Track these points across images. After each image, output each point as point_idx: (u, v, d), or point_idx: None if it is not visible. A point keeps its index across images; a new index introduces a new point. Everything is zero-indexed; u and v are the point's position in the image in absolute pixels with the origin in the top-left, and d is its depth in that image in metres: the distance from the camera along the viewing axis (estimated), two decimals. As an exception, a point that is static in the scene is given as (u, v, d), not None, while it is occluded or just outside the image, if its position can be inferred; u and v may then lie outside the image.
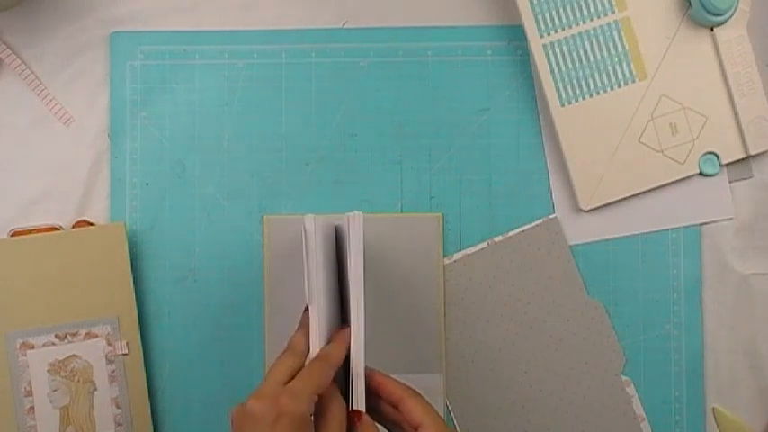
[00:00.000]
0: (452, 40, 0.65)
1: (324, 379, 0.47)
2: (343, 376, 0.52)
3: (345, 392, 0.50)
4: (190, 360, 0.64)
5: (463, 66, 0.65)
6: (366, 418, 0.48)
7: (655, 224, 0.64)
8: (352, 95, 0.65)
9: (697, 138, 0.63)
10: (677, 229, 0.64)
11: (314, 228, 0.50)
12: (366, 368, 0.50)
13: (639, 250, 0.64)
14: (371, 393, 0.50)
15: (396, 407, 0.49)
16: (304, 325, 0.51)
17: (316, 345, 0.50)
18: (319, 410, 0.48)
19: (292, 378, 0.47)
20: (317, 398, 0.46)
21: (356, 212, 0.51)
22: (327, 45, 0.65)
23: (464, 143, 0.65)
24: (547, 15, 0.62)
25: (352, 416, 0.49)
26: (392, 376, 0.51)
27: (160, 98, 0.65)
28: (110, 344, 0.62)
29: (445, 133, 0.65)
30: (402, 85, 0.65)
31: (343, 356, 0.50)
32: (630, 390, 0.63)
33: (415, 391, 0.49)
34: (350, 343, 0.50)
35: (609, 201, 0.63)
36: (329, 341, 0.51)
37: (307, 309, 0.52)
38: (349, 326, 0.51)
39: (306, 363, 0.49)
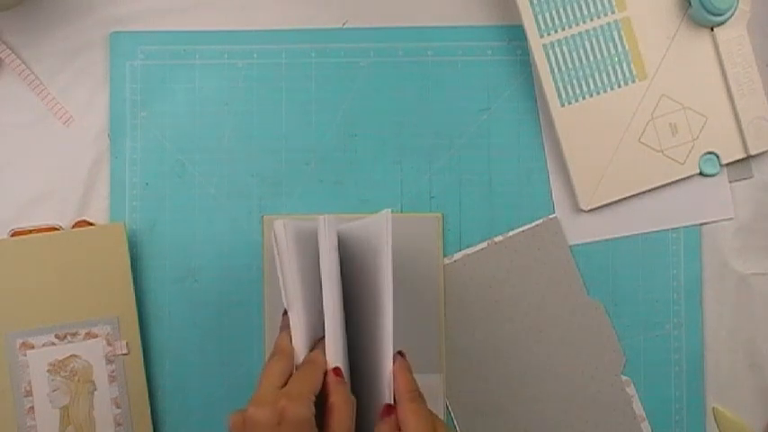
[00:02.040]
0: (452, 40, 0.65)
1: (317, 381, 0.47)
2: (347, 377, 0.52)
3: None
4: (190, 360, 0.64)
5: (463, 66, 0.65)
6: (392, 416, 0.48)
7: (655, 224, 0.64)
8: (352, 95, 0.65)
9: (697, 138, 0.63)
10: (677, 229, 0.64)
11: (284, 233, 0.49)
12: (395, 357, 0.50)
13: (639, 250, 0.64)
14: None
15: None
16: (286, 327, 0.51)
17: (299, 350, 0.49)
18: (327, 407, 0.47)
19: (286, 381, 0.47)
20: (314, 399, 0.46)
21: (327, 215, 0.51)
22: (327, 45, 0.65)
23: (464, 143, 0.65)
24: (547, 15, 0.62)
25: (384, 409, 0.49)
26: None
27: (160, 98, 0.65)
28: (110, 344, 0.62)
29: (445, 133, 0.65)
30: (402, 85, 0.65)
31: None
32: (630, 390, 0.63)
33: (415, 395, 0.49)
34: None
35: (609, 201, 0.63)
36: (312, 348, 0.51)
37: (285, 312, 0.51)
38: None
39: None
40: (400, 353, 0.50)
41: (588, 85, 0.63)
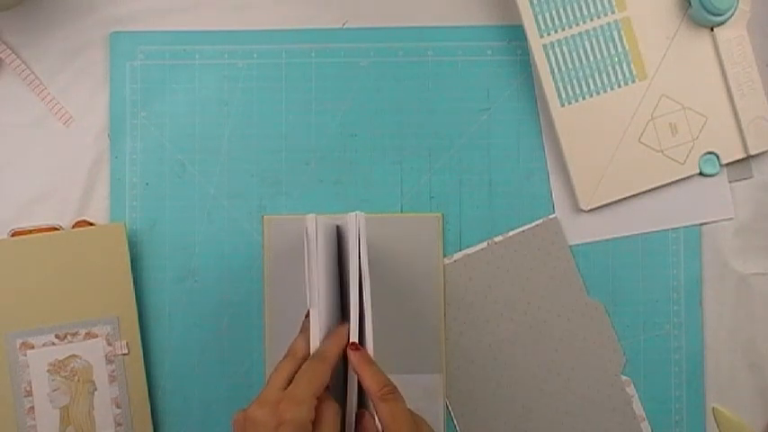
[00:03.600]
0: (452, 40, 0.65)
1: (322, 381, 0.47)
2: (342, 372, 0.52)
3: (344, 388, 0.50)
4: (190, 360, 0.64)
5: (463, 66, 0.65)
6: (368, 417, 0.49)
7: (655, 224, 0.64)
8: (352, 95, 0.65)
9: (697, 138, 0.63)
10: (677, 229, 0.64)
11: (315, 229, 0.50)
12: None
13: (639, 250, 0.64)
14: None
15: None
16: (305, 329, 0.51)
17: (316, 344, 0.50)
18: (317, 411, 0.47)
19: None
20: (316, 402, 0.46)
21: (358, 213, 0.51)
22: (327, 45, 0.65)
23: (464, 143, 0.65)
24: (547, 15, 0.62)
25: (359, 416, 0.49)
26: (389, 375, 0.50)
27: (160, 98, 0.65)
28: (110, 344, 0.62)
29: (445, 133, 0.65)
30: (402, 85, 0.65)
31: (340, 354, 0.49)
32: (630, 390, 0.63)
33: (387, 393, 0.47)
34: (346, 340, 0.50)
35: (609, 201, 0.63)
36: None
37: (308, 314, 0.51)
38: (347, 322, 0.51)
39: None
40: (353, 344, 0.49)
41: (588, 85, 0.63)
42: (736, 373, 0.64)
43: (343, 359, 0.50)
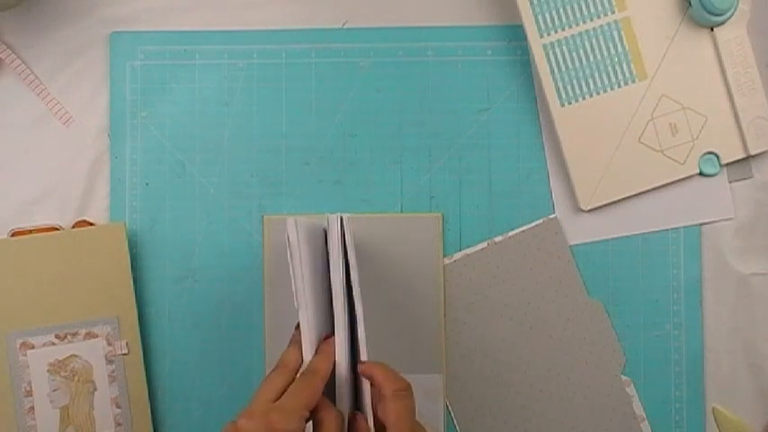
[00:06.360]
0: (452, 40, 0.65)
1: (313, 394, 0.47)
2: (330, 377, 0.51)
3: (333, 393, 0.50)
4: (190, 360, 0.64)
5: (463, 66, 0.65)
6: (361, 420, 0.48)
7: (655, 224, 0.64)
8: (352, 95, 0.65)
9: (697, 138, 0.63)
10: (677, 229, 0.64)
11: (296, 234, 0.49)
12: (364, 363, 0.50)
13: (639, 250, 0.64)
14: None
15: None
16: (295, 342, 0.50)
17: (308, 351, 0.49)
18: (315, 422, 0.47)
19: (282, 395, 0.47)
20: (307, 414, 0.46)
21: (342, 214, 0.51)
22: (327, 45, 0.65)
23: (464, 143, 0.65)
24: (547, 15, 0.62)
25: (351, 418, 0.49)
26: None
27: (160, 98, 0.65)
28: (110, 344, 0.62)
29: (445, 133, 0.65)
30: (402, 85, 0.65)
31: (330, 369, 0.49)
32: (630, 390, 0.63)
33: (400, 390, 0.48)
34: (335, 353, 0.49)
35: (609, 201, 0.63)
36: (316, 351, 0.50)
37: (298, 326, 0.51)
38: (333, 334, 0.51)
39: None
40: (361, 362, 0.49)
41: (588, 85, 0.63)
42: (737, 373, 0.64)
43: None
